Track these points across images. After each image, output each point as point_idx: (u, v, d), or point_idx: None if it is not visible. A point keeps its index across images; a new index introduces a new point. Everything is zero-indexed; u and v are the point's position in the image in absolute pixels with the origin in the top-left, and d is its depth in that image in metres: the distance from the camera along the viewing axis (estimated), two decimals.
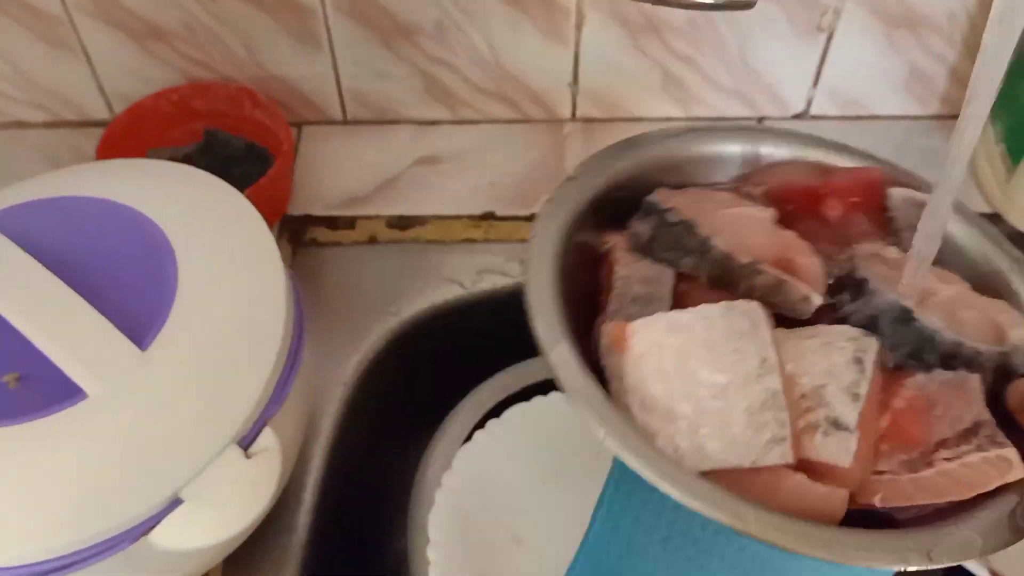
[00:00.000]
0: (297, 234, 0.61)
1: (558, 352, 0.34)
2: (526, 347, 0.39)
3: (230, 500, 0.38)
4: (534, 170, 0.63)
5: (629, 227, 0.39)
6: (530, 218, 0.61)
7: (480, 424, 0.53)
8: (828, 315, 0.38)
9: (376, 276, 0.60)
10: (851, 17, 0.58)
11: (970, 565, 0.48)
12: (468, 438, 0.52)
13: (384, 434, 0.59)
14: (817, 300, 0.36)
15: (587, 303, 0.39)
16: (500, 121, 0.65)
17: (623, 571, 0.47)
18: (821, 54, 0.60)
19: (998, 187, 0.59)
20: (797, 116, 0.64)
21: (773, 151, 0.43)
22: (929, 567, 0.29)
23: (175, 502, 0.37)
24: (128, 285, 0.39)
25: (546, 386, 0.55)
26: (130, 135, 0.59)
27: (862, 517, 0.32)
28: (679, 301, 0.37)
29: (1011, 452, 0.31)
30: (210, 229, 0.43)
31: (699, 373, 0.32)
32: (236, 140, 0.61)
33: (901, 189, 0.40)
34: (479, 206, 0.62)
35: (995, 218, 0.59)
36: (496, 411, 0.53)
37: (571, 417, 0.36)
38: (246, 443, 0.39)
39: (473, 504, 0.48)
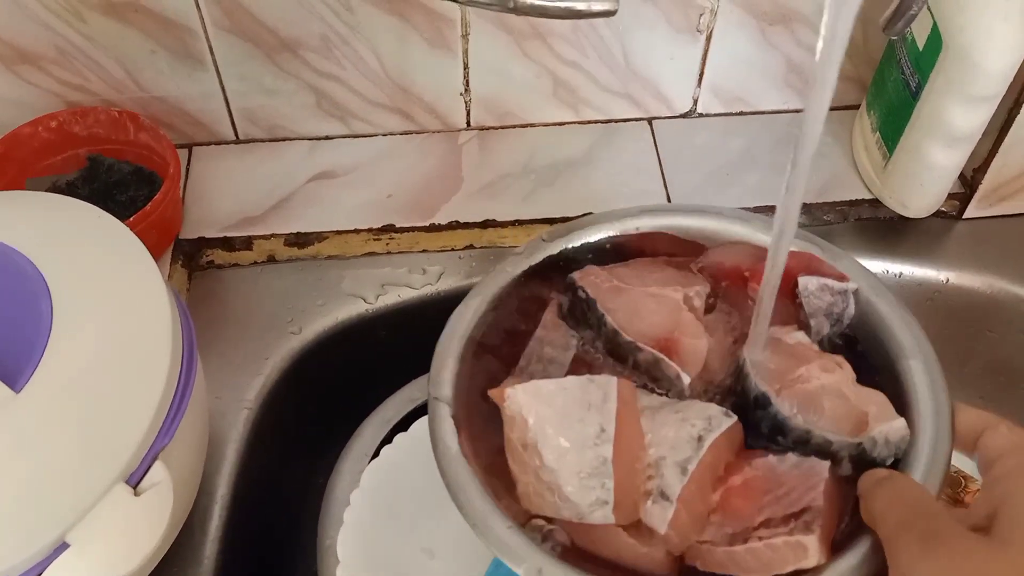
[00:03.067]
0: (192, 257, 0.60)
1: (439, 409, 0.38)
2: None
3: (120, 539, 0.36)
4: (432, 180, 0.63)
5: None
6: (431, 228, 0.61)
7: (388, 439, 0.52)
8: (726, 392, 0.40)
9: (277, 295, 0.59)
10: (727, 16, 0.60)
11: None
12: (376, 454, 0.52)
13: (291, 456, 0.59)
14: (686, 379, 0.38)
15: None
16: (395, 133, 0.65)
17: None
18: (702, 54, 0.62)
19: (876, 174, 0.62)
20: (684, 115, 0.66)
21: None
22: None
23: (61, 546, 0.36)
24: None
25: None
26: (6, 165, 0.57)
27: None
28: (576, 368, 0.41)
29: (811, 540, 0.33)
30: (87, 261, 0.41)
31: (550, 436, 0.36)
32: (121, 165, 0.59)
33: (814, 277, 0.42)
34: (378, 219, 0.61)
35: (874, 203, 0.62)
36: (404, 424, 0.53)
37: None
38: (135, 479, 0.38)
39: (382, 520, 0.48)
